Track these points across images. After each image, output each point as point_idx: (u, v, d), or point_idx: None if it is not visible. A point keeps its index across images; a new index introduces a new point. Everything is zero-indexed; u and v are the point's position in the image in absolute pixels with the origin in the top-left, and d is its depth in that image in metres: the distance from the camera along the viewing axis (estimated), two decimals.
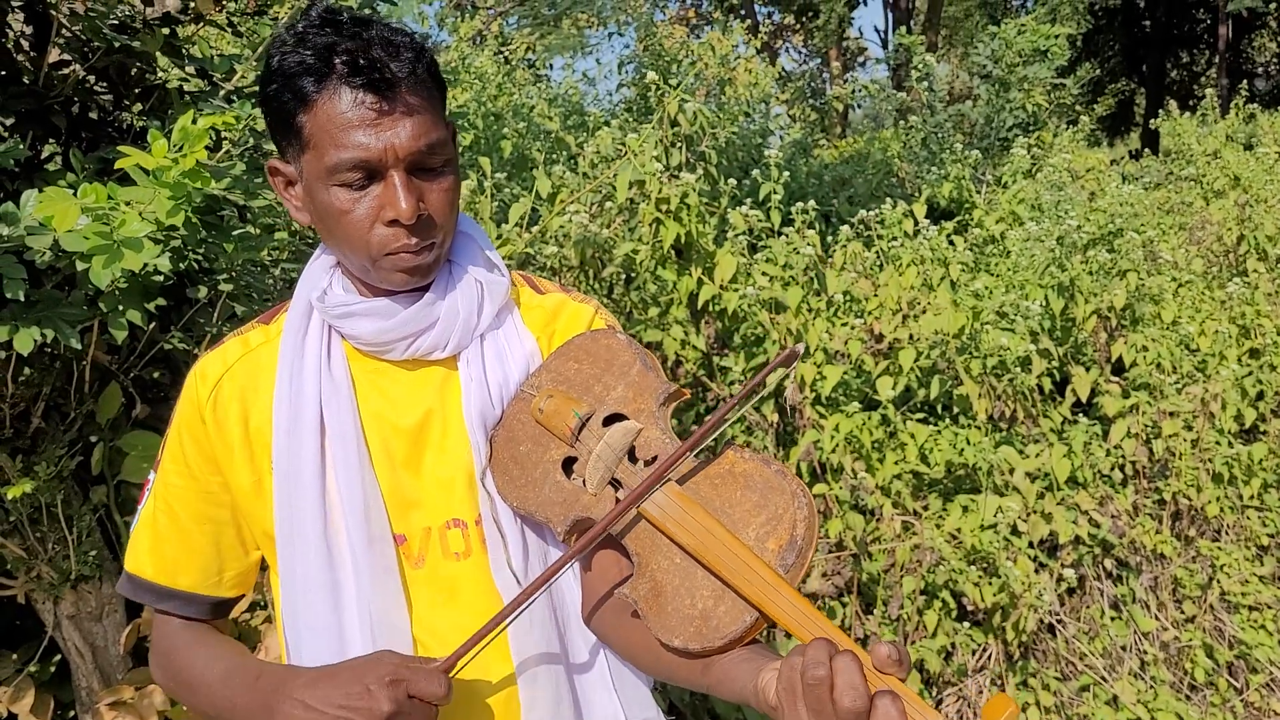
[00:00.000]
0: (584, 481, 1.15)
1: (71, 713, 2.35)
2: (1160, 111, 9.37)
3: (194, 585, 1.27)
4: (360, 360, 1.24)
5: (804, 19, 21.56)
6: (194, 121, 1.68)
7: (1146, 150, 13.05)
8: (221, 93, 2.16)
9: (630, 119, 5.68)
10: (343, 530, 1.18)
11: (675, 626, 1.03)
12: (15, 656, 2.28)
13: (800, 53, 24.45)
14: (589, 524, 1.13)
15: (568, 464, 1.18)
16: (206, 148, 1.74)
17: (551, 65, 10.11)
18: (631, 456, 1.14)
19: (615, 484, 1.13)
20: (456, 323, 1.21)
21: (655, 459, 1.12)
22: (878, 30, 25.39)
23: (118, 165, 1.61)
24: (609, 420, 1.17)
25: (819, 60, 23.52)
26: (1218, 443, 3.83)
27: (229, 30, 2.43)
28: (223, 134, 2.01)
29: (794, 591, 0.97)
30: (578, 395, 1.19)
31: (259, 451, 1.22)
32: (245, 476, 1.23)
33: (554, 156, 4.56)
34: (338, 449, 1.19)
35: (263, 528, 1.23)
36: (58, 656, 2.33)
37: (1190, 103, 16.07)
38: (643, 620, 1.06)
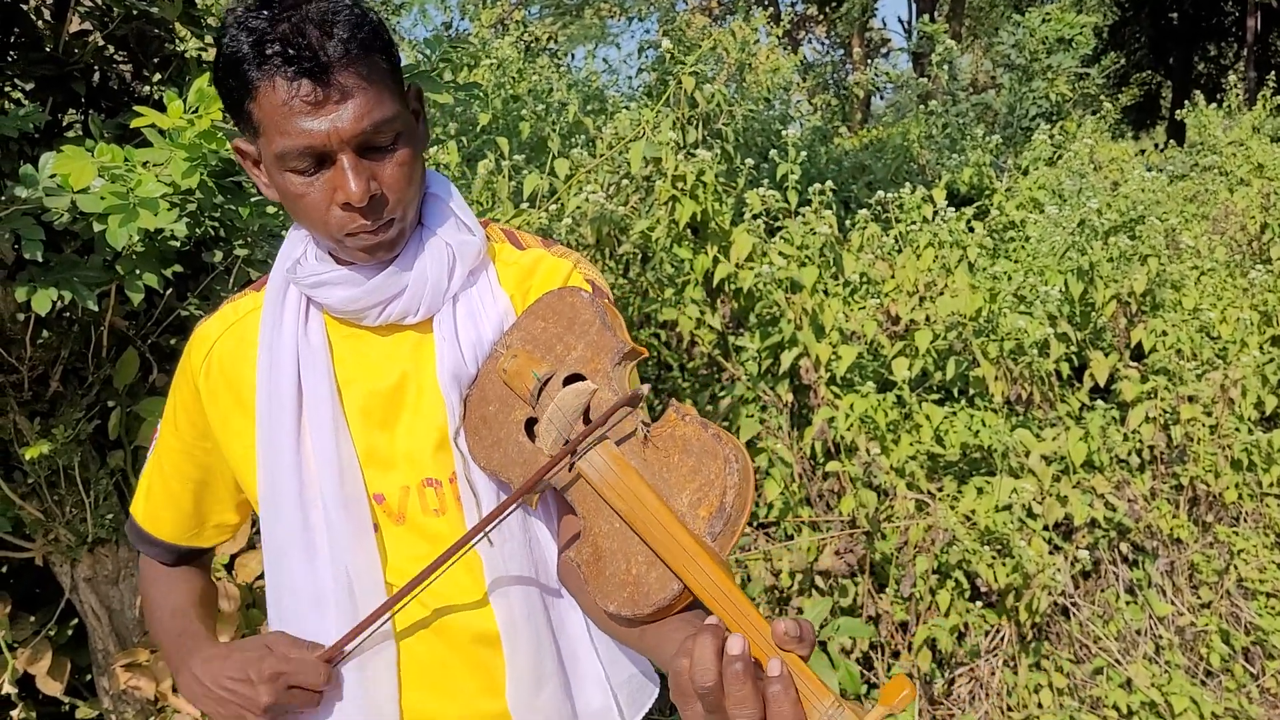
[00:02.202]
0: (541, 443, 1.15)
1: (88, 675, 2.38)
2: (1186, 103, 9.28)
3: (170, 535, 1.39)
4: (338, 326, 1.25)
5: (826, 9, 21.45)
6: (210, 83, 1.69)
7: (1171, 142, 12.93)
8: None
9: (649, 103, 5.67)
10: (317, 493, 1.21)
11: (611, 591, 1.03)
12: (33, 619, 2.32)
13: (823, 43, 24.34)
14: (543, 485, 1.14)
15: (530, 425, 1.18)
16: (222, 110, 1.75)
17: (573, 55, 10.11)
18: (586, 418, 1.13)
19: (572, 451, 1.11)
20: (425, 288, 1.20)
21: (607, 421, 1.10)
22: (901, 21, 25.23)
23: (134, 124, 1.63)
24: (570, 380, 1.16)
25: (841, 51, 23.40)
26: (1237, 429, 3.80)
27: None
28: None
29: (713, 563, 0.95)
30: (541, 355, 1.19)
31: (249, 419, 1.25)
32: (237, 445, 1.27)
33: (572, 141, 4.56)
34: (313, 413, 1.21)
35: (254, 492, 1.27)
36: (75, 619, 2.36)
37: (1218, 95, 15.89)
38: (585, 584, 1.06)
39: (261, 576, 2.42)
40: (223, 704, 1.15)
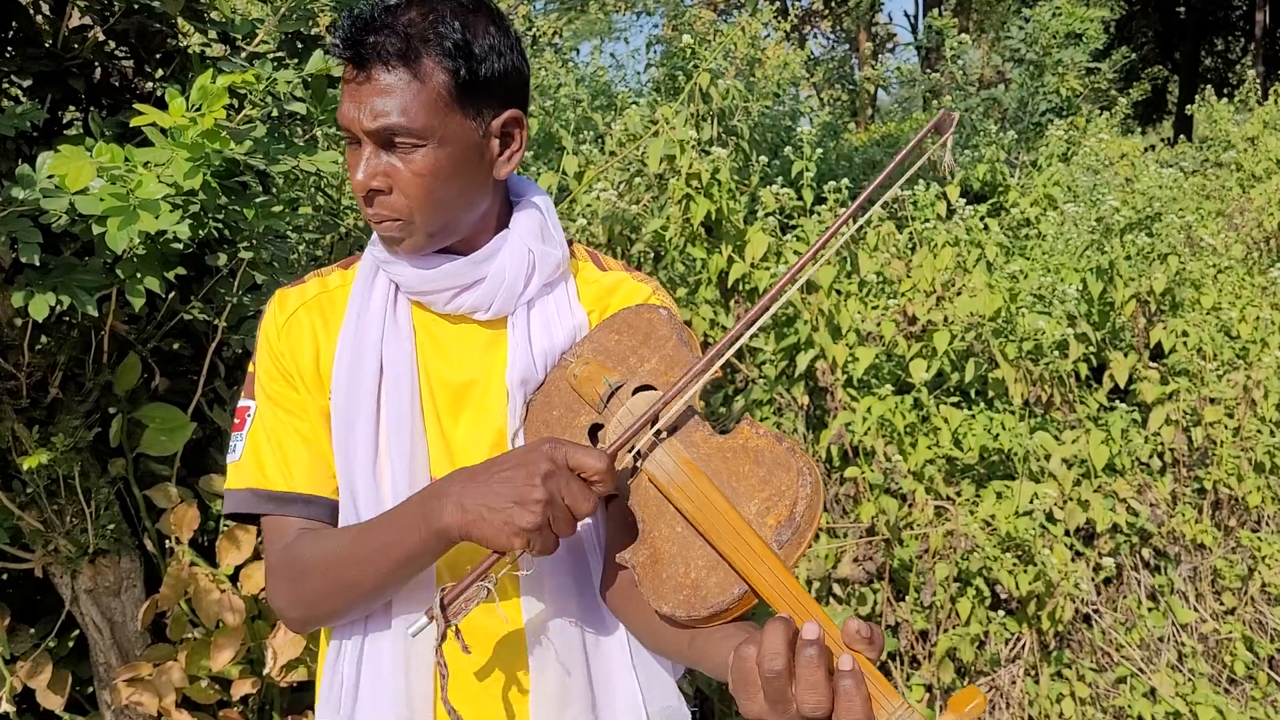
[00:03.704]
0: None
1: (89, 688, 2.32)
2: (1196, 97, 9.18)
3: (312, 487, 1.26)
4: (419, 313, 1.28)
5: (832, 4, 21.35)
6: (213, 80, 1.62)
7: (1182, 138, 12.83)
8: (243, 55, 2.11)
9: (659, 99, 5.60)
10: (388, 471, 1.22)
11: (667, 594, 1.04)
12: (33, 631, 2.25)
13: (828, 38, 24.24)
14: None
15: (594, 430, 1.19)
16: (226, 109, 1.68)
17: (578, 50, 10.04)
18: (653, 425, 1.13)
19: (638, 455, 1.11)
20: (501, 287, 1.23)
21: (677, 429, 1.12)
22: (907, 15, 25.12)
23: (134, 122, 1.56)
24: (639, 391, 1.18)
25: (848, 45, 23.30)
26: (1259, 431, 3.73)
27: None
28: (244, 96, 1.95)
29: (781, 566, 0.97)
30: (612, 365, 1.21)
31: (323, 385, 1.27)
32: (314, 402, 1.28)
33: (581, 137, 4.49)
34: (392, 392, 1.23)
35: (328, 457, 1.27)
36: (76, 631, 2.29)
37: (1225, 89, 15.79)
38: (638, 586, 1.06)
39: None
40: (496, 495, 1.03)
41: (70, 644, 2.31)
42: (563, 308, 1.29)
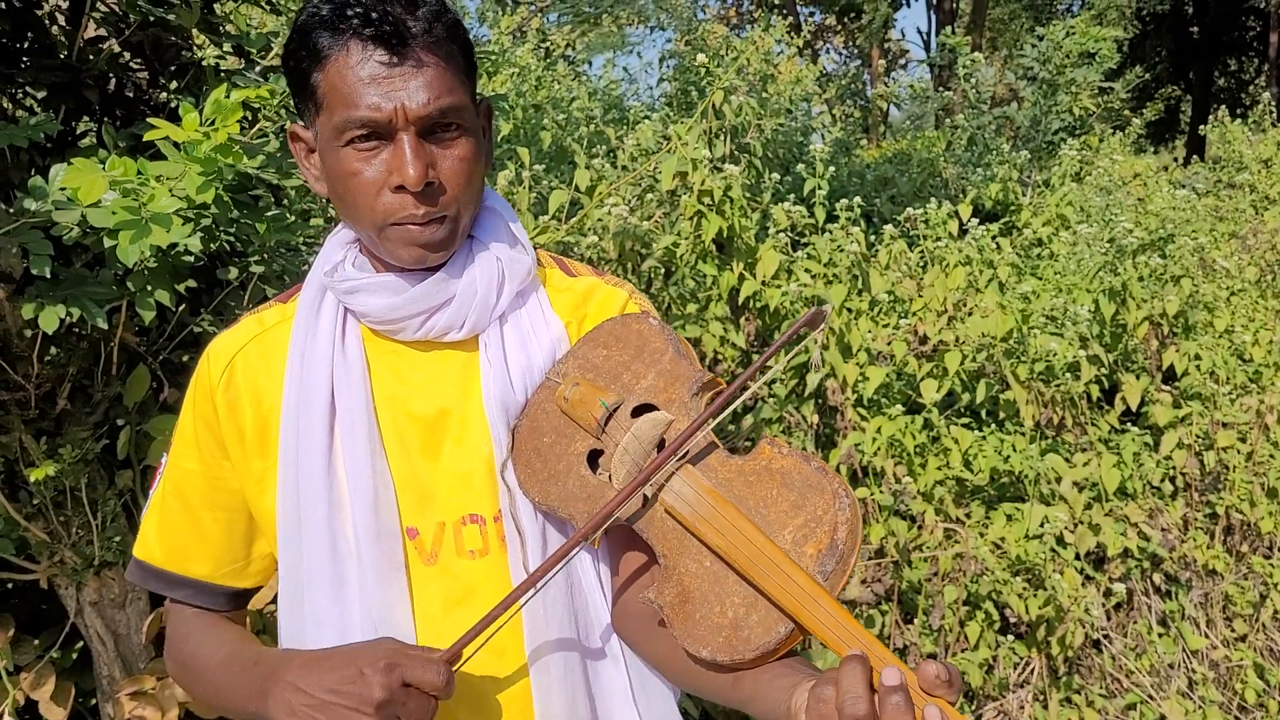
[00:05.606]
0: (610, 476, 1.07)
1: (93, 701, 2.31)
2: (1210, 118, 9.16)
3: (208, 574, 1.22)
4: (376, 342, 1.17)
5: (845, 19, 21.39)
6: (227, 95, 1.62)
7: (1195, 158, 12.80)
8: (257, 69, 2.11)
9: (671, 114, 5.60)
10: (349, 521, 1.12)
11: (703, 636, 0.95)
12: (37, 642, 2.24)
13: (840, 54, 24.27)
14: (614, 521, 1.05)
15: (593, 457, 1.10)
16: (240, 123, 1.68)
17: (590, 63, 10.06)
18: (661, 450, 1.05)
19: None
20: (474, 302, 1.13)
21: (687, 453, 1.04)
22: (920, 32, 25.16)
23: (147, 137, 1.56)
24: (638, 411, 1.09)
25: (860, 61, 23.33)
26: (1271, 456, 3.70)
27: (266, 7, 2.38)
28: (257, 111, 1.95)
29: (833, 601, 0.89)
30: (605, 384, 1.11)
31: (271, 438, 1.16)
32: (255, 464, 1.18)
33: (593, 150, 4.49)
34: (347, 434, 1.12)
35: (271, 519, 1.17)
36: (79, 643, 2.28)
37: (1238, 110, 15.77)
38: (669, 629, 0.98)
39: (273, 601, 2.35)
40: (327, 710, 0.98)
41: (74, 656, 2.30)
42: (537, 320, 1.19)
